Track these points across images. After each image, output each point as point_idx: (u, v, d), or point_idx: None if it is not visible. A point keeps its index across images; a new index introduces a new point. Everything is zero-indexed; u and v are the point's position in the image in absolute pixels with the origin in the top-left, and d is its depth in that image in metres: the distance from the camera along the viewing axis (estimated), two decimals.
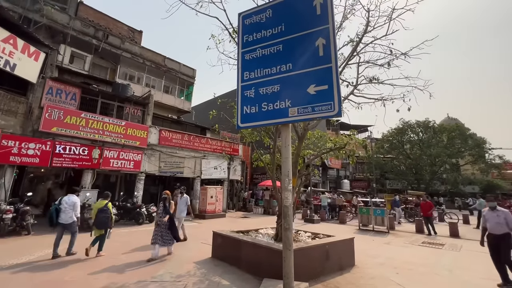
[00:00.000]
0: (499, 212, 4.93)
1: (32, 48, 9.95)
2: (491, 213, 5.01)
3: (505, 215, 4.82)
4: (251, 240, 5.45)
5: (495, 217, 4.91)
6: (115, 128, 12.11)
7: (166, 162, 14.07)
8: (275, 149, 6.14)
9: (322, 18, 3.87)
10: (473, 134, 30.92)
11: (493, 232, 4.92)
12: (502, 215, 4.86)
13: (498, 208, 4.99)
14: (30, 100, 10.15)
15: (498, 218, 4.87)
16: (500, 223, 4.82)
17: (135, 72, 17.73)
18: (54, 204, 6.20)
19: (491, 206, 5.10)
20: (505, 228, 4.78)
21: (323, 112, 3.56)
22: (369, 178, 33.34)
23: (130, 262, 5.66)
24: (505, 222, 4.78)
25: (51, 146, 10.15)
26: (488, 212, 5.12)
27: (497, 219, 4.88)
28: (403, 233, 11.31)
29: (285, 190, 3.74)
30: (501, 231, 4.83)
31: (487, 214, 5.09)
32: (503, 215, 4.85)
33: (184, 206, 8.24)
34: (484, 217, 5.15)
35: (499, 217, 4.87)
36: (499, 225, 4.84)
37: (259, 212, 17.65)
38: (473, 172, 31.54)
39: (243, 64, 4.43)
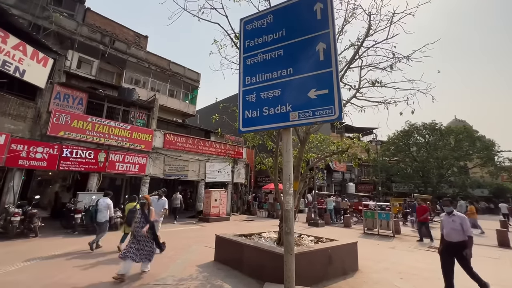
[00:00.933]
0: (455, 217, 4.53)
1: (41, 55, 10.21)
2: (447, 218, 4.63)
3: (461, 220, 4.43)
4: (254, 244, 5.45)
5: (451, 222, 4.52)
6: (120, 132, 12.29)
7: (170, 165, 14.19)
8: (277, 153, 6.15)
9: (323, 23, 3.90)
10: (481, 136, 30.39)
11: (449, 239, 4.51)
12: (458, 220, 4.46)
13: (454, 213, 4.61)
14: (38, 105, 10.40)
15: (453, 224, 4.47)
16: (456, 229, 4.43)
17: (141, 76, 18.00)
18: (93, 206, 8.21)
19: (447, 211, 4.70)
20: (461, 235, 4.37)
21: (324, 116, 3.57)
22: (375, 181, 32.98)
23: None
24: (461, 228, 4.39)
25: (58, 150, 10.35)
26: (444, 217, 4.74)
27: (453, 224, 4.48)
28: (408, 237, 11.14)
29: (286, 194, 3.74)
30: (457, 238, 4.42)
31: (444, 219, 4.70)
32: (459, 220, 4.45)
33: (160, 211, 7.05)
34: (442, 222, 4.77)
35: (454, 223, 4.47)
36: (454, 231, 4.44)
37: (263, 216, 17.61)
38: (482, 175, 30.95)
39: (244, 69, 4.47)
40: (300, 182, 6.11)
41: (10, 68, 9.08)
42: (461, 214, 4.55)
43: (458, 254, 4.39)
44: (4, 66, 8.90)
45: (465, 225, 4.38)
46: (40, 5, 13.20)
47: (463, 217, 4.47)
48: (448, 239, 4.51)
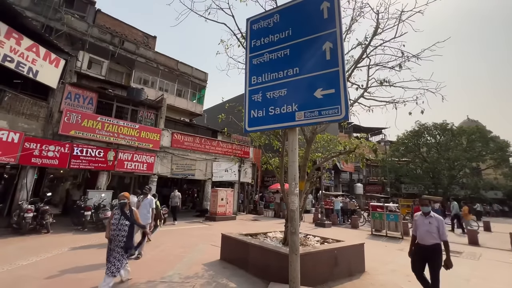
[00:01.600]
0: (431, 219, 4.16)
1: (53, 55, 10.48)
2: (423, 220, 4.24)
3: (438, 223, 4.08)
4: (259, 244, 5.46)
5: (427, 224, 4.15)
6: (129, 131, 12.49)
7: (178, 164, 14.34)
8: (284, 152, 6.14)
9: (329, 22, 3.86)
10: (495, 137, 29.51)
11: (422, 243, 4.17)
12: (435, 222, 4.10)
13: (431, 214, 4.23)
14: (50, 105, 10.67)
15: (429, 226, 4.11)
16: (431, 231, 4.07)
17: (149, 76, 18.25)
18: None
19: (423, 211, 4.31)
20: (436, 238, 4.05)
21: (330, 116, 3.54)
22: (383, 182, 32.49)
23: (140, 262, 5.81)
24: (436, 231, 4.05)
25: (69, 148, 10.60)
26: (419, 217, 4.34)
27: (428, 226, 4.12)
28: None
29: (291, 194, 3.73)
30: (430, 241, 4.08)
31: (419, 220, 4.33)
32: (435, 222, 4.10)
33: (147, 209, 6.32)
34: (415, 222, 4.40)
35: (431, 225, 4.11)
36: (429, 234, 4.09)
37: (269, 215, 17.60)
38: (495, 176, 30.07)
39: (250, 69, 4.48)
40: (306, 182, 6.07)
41: (24, 69, 9.35)
42: (438, 216, 4.19)
43: (430, 259, 4.10)
44: (19, 67, 9.18)
45: (442, 228, 4.05)
46: (52, 7, 13.53)
47: (440, 220, 4.14)
48: (422, 242, 4.19)
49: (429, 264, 4.11)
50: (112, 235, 4.23)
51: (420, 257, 4.23)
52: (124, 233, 4.23)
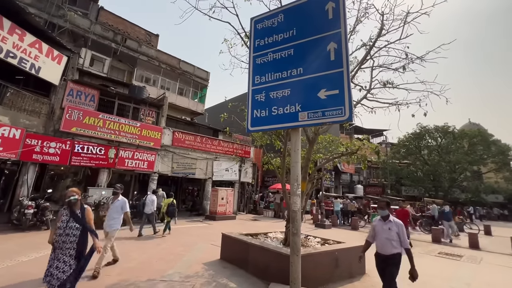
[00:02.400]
0: (391, 224, 3.68)
1: (56, 52, 10.47)
2: (382, 225, 3.75)
3: (398, 229, 3.62)
4: (260, 244, 5.44)
5: (386, 230, 3.66)
6: (130, 129, 12.48)
7: (178, 163, 14.32)
8: (285, 153, 6.12)
9: (334, 22, 3.84)
10: (496, 140, 29.45)
11: (382, 252, 3.70)
12: (395, 228, 3.62)
13: (391, 219, 3.75)
14: (52, 101, 10.67)
15: (389, 233, 3.63)
16: (391, 239, 3.60)
17: (151, 74, 18.24)
18: (142, 200, 9.34)
19: (381, 215, 3.82)
20: (396, 247, 3.59)
21: (334, 117, 3.52)
22: (384, 184, 32.43)
23: (141, 260, 5.80)
24: (397, 238, 3.60)
25: (71, 145, 10.60)
26: (378, 223, 3.84)
27: (388, 233, 3.64)
28: (419, 242, 10.90)
29: (293, 194, 3.71)
30: (390, 250, 3.61)
31: (377, 225, 3.82)
32: (396, 228, 3.62)
33: (118, 213, 5.33)
34: (373, 228, 3.89)
35: (390, 231, 3.62)
36: (389, 242, 3.61)
37: (269, 215, 17.58)
38: (496, 180, 29.99)
39: (254, 68, 4.46)
40: (308, 183, 6.05)
41: (26, 65, 9.35)
42: (398, 221, 3.73)
43: (387, 268, 3.66)
44: (21, 63, 9.17)
45: (402, 234, 3.59)
46: (55, 4, 13.53)
47: (401, 225, 3.67)
48: (382, 252, 3.70)
49: (385, 273, 3.70)
50: (57, 241, 3.27)
51: (382, 268, 3.78)
52: (74, 238, 3.30)
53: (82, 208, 3.56)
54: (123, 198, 5.52)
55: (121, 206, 5.40)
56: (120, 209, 5.36)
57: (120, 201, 5.45)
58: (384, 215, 3.79)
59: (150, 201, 8.97)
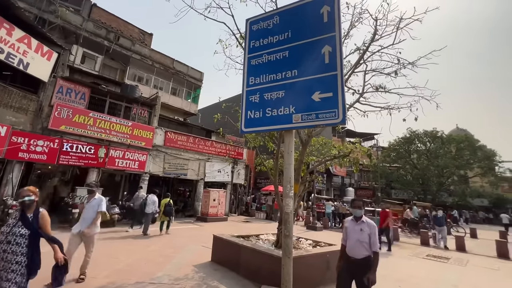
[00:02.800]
0: (363, 225, 3.43)
1: (46, 48, 10.21)
2: (354, 226, 3.50)
3: (370, 230, 3.37)
4: (251, 246, 5.40)
5: (358, 232, 3.41)
6: (121, 128, 12.27)
7: (170, 163, 14.16)
8: (278, 154, 6.12)
9: (329, 26, 3.87)
10: (482, 146, 30.30)
11: (352, 255, 3.39)
12: (367, 229, 3.38)
13: (364, 219, 3.49)
14: (41, 98, 10.39)
15: (361, 234, 3.38)
16: (362, 241, 3.34)
17: (144, 73, 18.03)
18: (143, 200, 9.53)
19: (355, 215, 3.57)
20: (368, 249, 3.32)
21: (327, 119, 3.54)
22: (374, 187, 32.89)
23: (129, 262, 5.68)
24: (368, 240, 3.34)
25: (59, 144, 10.33)
26: (350, 223, 3.59)
27: (360, 235, 3.38)
28: (407, 244, 11.08)
29: (286, 196, 3.70)
30: (361, 253, 3.33)
31: (349, 226, 3.56)
32: (368, 229, 3.38)
33: (93, 213, 4.61)
34: (345, 230, 3.61)
35: (362, 233, 3.37)
36: (360, 244, 3.35)
37: (261, 217, 17.56)
38: (482, 184, 30.85)
39: (249, 69, 4.45)
40: (300, 185, 6.07)
41: (14, 60, 9.08)
42: (371, 222, 3.48)
43: (358, 275, 3.31)
44: (8, 58, 8.90)
45: (373, 236, 3.35)
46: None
47: (373, 226, 3.43)
48: (352, 255, 3.40)
49: (356, 280, 3.33)
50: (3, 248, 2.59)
51: (348, 273, 3.42)
52: (17, 248, 2.62)
53: (36, 212, 2.85)
54: (100, 197, 4.82)
55: (97, 205, 4.66)
56: (95, 209, 4.64)
57: (96, 199, 4.71)
58: (358, 215, 3.54)
59: (152, 201, 9.22)
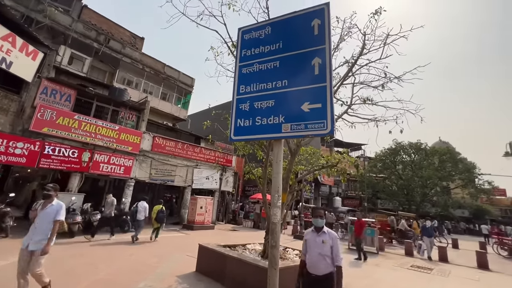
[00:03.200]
0: (325, 236, 3.10)
1: (31, 48, 9.92)
2: (314, 238, 3.15)
3: (332, 242, 3.05)
4: (237, 256, 5.30)
5: (319, 244, 3.06)
6: (108, 132, 11.95)
7: (157, 169, 13.86)
8: (267, 163, 6.12)
9: (319, 39, 3.97)
10: (463, 158, 31.48)
11: (313, 272, 3.04)
12: (329, 241, 3.05)
13: (325, 230, 3.17)
14: (23, 99, 10.01)
15: (322, 247, 3.03)
16: (324, 254, 3.00)
17: (134, 77, 17.78)
18: (134, 207, 9.49)
19: (315, 225, 3.24)
20: (330, 264, 2.99)
21: (316, 130, 3.57)
22: (361, 196, 33.35)
23: (110, 272, 5.44)
24: (330, 253, 3.00)
25: (40, 146, 9.92)
26: (310, 235, 3.24)
27: (321, 248, 3.03)
28: (393, 255, 11.20)
29: (274, 206, 3.67)
30: (323, 269, 2.98)
31: (309, 238, 3.21)
32: (330, 241, 3.06)
33: (48, 223, 3.74)
34: (305, 242, 3.25)
35: (324, 245, 3.03)
36: (322, 259, 3.00)
37: (248, 226, 17.36)
38: (463, 196, 31.89)
39: (239, 77, 4.47)
40: (288, 194, 6.06)
41: None
42: (333, 233, 3.17)
43: None
44: None
45: (336, 249, 3.02)
46: None
47: (335, 237, 3.12)
48: (313, 271, 3.04)
49: None
50: None
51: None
52: None
53: None
54: (59, 203, 3.89)
55: (55, 212, 3.76)
56: (52, 217, 3.74)
57: (54, 206, 3.79)
58: (319, 226, 3.21)
59: (142, 208, 9.28)
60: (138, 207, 9.30)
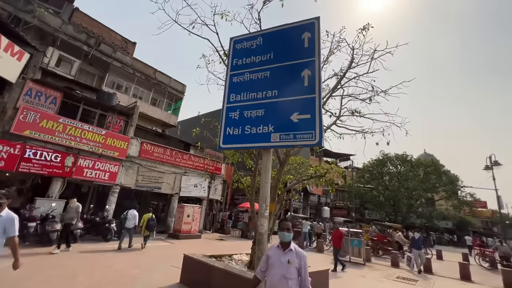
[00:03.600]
0: (291, 255, 2.61)
1: (17, 48, 9.66)
2: (279, 256, 2.64)
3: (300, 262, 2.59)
4: (223, 267, 5.18)
5: (284, 265, 2.56)
6: (94, 136, 11.65)
7: (144, 176, 13.55)
8: (256, 172, 6.09)
9: (309, 51, 4.06)
10: (447, 170, 32.40)
11: None
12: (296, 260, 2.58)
13: (292, 247, 2.67)
14: (5, 100, 9.66)
15: (287, 268, 2.54)
16: (289, 277, 2.52)
17: (124, 81, 17.54)
18: (124, 215, 9.37)
19: (282, 240, 2.72)
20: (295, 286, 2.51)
21: (304, 140, 3.61)
22: (349, 206, 33.62)
23: (88, 284, 5.18)
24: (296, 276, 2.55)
25: (21, 149, 9.53)
26: (274, 251, 2.71)
27: (286, 269, 2.54)
28: (379, 266, 11.24)
29: (261, 216, 3.64)
30: None
31: (273, 255, 2.67)
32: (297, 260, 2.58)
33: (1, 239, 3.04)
34: (267, 259, 2.70)
35: (290, 267, 2.54)
36: (285, 281, 2.51)
37: (236, 235, 17.08)
38: (447, 207, 32.67)
39: (230, 86, 4.49)
40: (277, 204, 6.03)
41: None
42: (301, 251, 2.68)
43: None
44: None
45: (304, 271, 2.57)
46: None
47: (303, 256, 2.65)
48: None
49: None
50: None
51: None
52: None
53: None
54: (10, 214, 3.15)
55: (4, 226, 3.02)
56: (2, 231, 3.01)
57: (3, 218, 3.04)
58: (286, 241, 2.70)
59: (132, 216, 9.30)
60: (128, 215, 9.30)
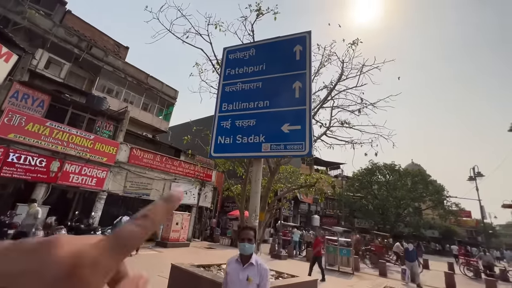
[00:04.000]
0: (252, 270, 2.30)
1: (4, 49, 9.47)
2: (238, 271, 2.33)
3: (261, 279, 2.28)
4: (211, 277, 5.09)
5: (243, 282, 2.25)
6: (82, 141, 11.41)
7: (133, 182, 13.30)
8: (247, 180, 6.10)
9: (301, 64, 4.17)
10: (433, 180, 33.21)
11: None
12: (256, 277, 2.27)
13: (254, 261, 2.35)
14: None
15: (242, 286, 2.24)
16: None
17: (115, 86, 17.34)
18: (116, 221, 9.52)
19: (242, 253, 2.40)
20: None
21: (295, 151, 3.67)
22: (339, 215, 33.83)
23: None
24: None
25: (4, 153, 9.23)
26: (233, 266, 2.39)
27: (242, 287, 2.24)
28: (367, 275, 11.31)
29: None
30: None
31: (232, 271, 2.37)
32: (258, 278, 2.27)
33: None
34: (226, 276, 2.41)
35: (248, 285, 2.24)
36: None
37: (225, 243, 16.87)
38: (433, 217, 33.32)
39: (222, 95, 4.53)
40: (267, 213, 6.04)
41: None
42: (264, 266, 2.36)
43: None
44: None
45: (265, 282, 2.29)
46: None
47: (265, 270, 2.32)
48: None
49: None
50: None
51: None
52: None
53: None
54: None
55: None
56: None
57: None
58: (247, 254, 2.37)
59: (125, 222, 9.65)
60: (121, 222, 9.34)
